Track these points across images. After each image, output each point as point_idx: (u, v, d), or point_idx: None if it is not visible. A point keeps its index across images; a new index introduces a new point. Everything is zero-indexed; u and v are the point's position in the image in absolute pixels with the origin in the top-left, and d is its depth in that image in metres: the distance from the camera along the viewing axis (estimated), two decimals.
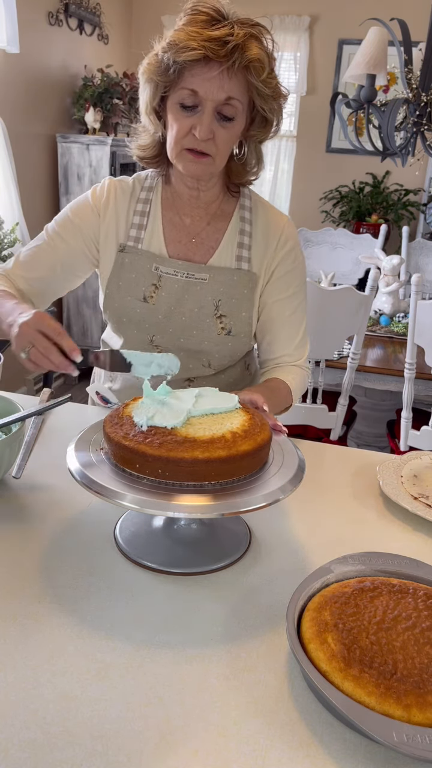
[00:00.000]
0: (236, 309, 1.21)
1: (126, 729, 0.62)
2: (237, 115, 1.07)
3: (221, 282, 1.20)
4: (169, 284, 1.20)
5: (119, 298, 1.22)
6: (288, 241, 1.24)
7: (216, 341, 1.22)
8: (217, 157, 1.11)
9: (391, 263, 2.80)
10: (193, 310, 1.20)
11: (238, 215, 1.24)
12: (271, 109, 1.09)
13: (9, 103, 3.33)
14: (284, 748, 0.61)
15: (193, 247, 1.23)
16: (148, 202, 1.23)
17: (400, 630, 0.68)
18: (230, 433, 0.81)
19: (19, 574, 0.83)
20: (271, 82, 1.06)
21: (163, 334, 1.22)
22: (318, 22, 4.68)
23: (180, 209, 1.23)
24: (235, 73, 1.03)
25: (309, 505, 1.03)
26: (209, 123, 1.05)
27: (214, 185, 1.20)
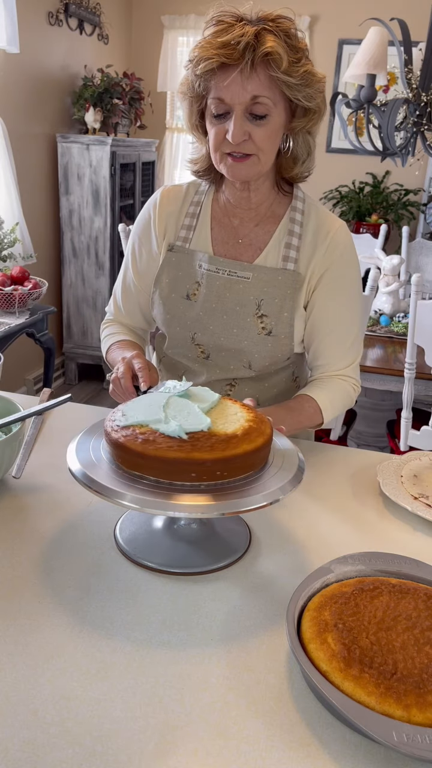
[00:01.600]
0: (278, 309, 1.19)
1: (126, 729, 0.62)
2: (270, 112, 1.06)
3: (265, 281, 1.19)
4: (211, 282, 1.21)
5: (165, 295, 1.25)
6: (339, 245, 1.20)
7: (256, 341, 1.21)
8: (261, 155, 1.10)
9: (391, 263, 2.80)
10: (234, 308, 1.20)
11: (288, 217, 1.22)
12: (306, 96, 1.07)
13: (9, 103, 3.33)
14: (284, 748, 0.61)
15: (240, 247, 1.23)
16: (200, 205, 1.26)
17: (400, 630, 0.68)
18: (231, 433, 0.81)
19: (19, 573, 0.83)
20: (297, 71, 1.03)
21: (203, 332, 1.23)
22: (318, 22, 4.68)
23: (229, 211, 1.24)
24: (255, 71, 1.02)
25: (309, 505, 1.03)
26: (240, 126, 1.05)
27: (262, 184, 1.19)
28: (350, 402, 1.27)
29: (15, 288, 2.72)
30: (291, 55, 1.03)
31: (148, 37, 4.86)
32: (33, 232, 3.59)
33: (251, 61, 1.01)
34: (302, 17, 4.65)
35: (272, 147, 1.11)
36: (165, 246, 1.26)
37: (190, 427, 0.81)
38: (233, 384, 1.28)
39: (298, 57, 1.04)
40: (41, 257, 3.79)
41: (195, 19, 4.80)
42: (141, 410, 0.85)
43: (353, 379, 1.27)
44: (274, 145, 1.12)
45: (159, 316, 1.28)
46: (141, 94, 4.18)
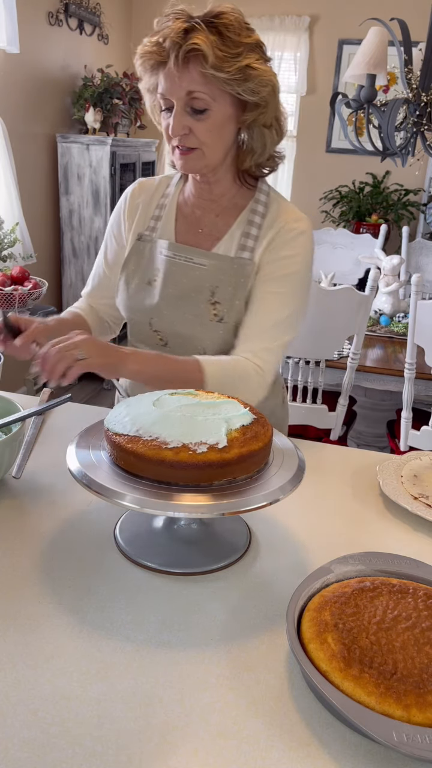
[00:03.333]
0: (231, 297, 1.21)
1: (126, 729, 0.62)
2: (209, 106, 1.08)
3: (219, 269, 1.21)
4: (169, 267, 1.24)
5: (129, 282, 1.28)
6: (288, 233, 1.20)
7: (208, 327, 1.22)
8: (205, 149, 1.12)
9: (391, 263, 2.80)
10: (189, 294, 1.22)
11: (249, 208, 1.24)
12: (247, 91, 1.07)
13: (9, 103, 3.33)
14: (284, 748, 0.61)
15: (200, 237, 1.25)
16: (168, 196, 1.29)
17: (400, 630, 0.68)
18: (231, 435, 0.81)
19: (19, 574, 0.83)
20: (231, 66, 1.04)
21: (160, 318, 1.25)
22: (318, 22, 4.68)
23: (193, 203, 1.27)
24: (186, 67, 1.05)
25: (309, 505, 1.03)
26: (179, 120, 1.09)
27: (222, 177, 1.21)
28: (247, 380, 1.17)
29: (15, 288, 2.72)
30: (224, 50, 1.03)
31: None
32: (33, 232, 3.59)
33: (178, 58, 1.04)
34: (302, 17, 4.65)
35: (217, 141, 1.13)
36: (134, 235, 1.29)
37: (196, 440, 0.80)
38: None
39: (235, 52, 1.04)
40: (41, 257, 3.79)
41: None
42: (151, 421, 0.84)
43: (256, 364, 1.18)
44: (219, 139, 1.13)
45: (121, 302, 1.31)
46: (141, 94, 4.18)
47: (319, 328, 2.17)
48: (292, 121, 5.04)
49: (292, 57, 4.79)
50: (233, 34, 1.05)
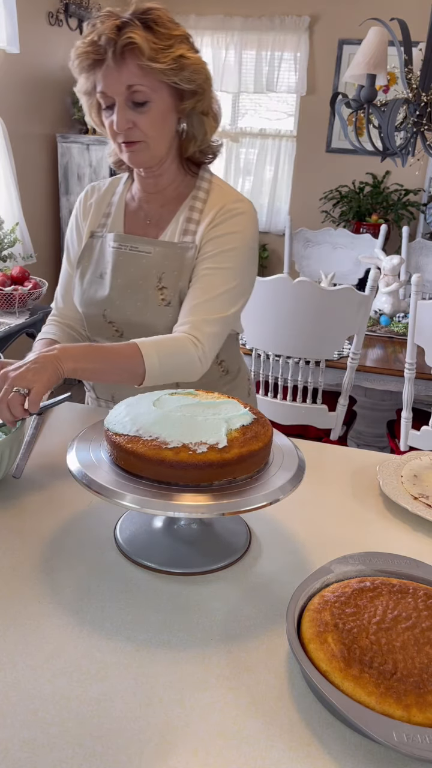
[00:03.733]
0: (176, 280, 1.24)
1: (126, 729, 0.62)
2: (150, 98, 1.12)
3: (164, 255, 1.24)
4: (116, 258, 1.27)
5: (83, 277, 1.32)
6: (232, 210, 1.22)
7: (157, 312, 1.25)
8: (150, 141, 1.16)
9: (391, 263, 2.80)
10: (137, 282, 1.25)
11: (191, 195, 1.27)
12: (183, 79, 1.12)
13: (9, 103, 3.33)
14: (284, 748, 0.61)
15: (147, 227, 1.29)
16: (117, 194, 1.34)
17: (400, 630, 0.68)
18: (231, 435, 0.81)
19: (19, 574, 0.83)
20: (166, 57, 1.09)
21: (112, 308, 1.28)
22: (318, 22, 4.68)
23: (140, 197, 1.31)
24: (124, 62, 1.08)
25: (309, 505, 1.03)
26: (122, 115, 1.12)
27: (167, 169, 1.25)
28: (185, 353, 1.14)
29: (15, 288, 2.72)
30: (157, 43, 1.08)
31: None
32: (33, 232, 3.59)
33: (115, 53, 1.07)
34: (302, 17, 4.65)
35: (161, 132, 1.16)
36: (87, 234, 1.33)
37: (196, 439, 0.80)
38: None
39: (168, 44, 1.09)
40: (41, 257, 3.79)
41: (195, 19, 4.80)
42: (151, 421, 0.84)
43: (194, 336, 1.16)
44: (163, 130, 1.17)
45: (77, 298, 1.33)
46: None
47: (319, 328, 2.17)
48: (292, 121, 5.04)
49: (292, 57, 4.79)
50: (163, 28, 1.10)
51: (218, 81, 5.00)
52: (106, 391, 1.40)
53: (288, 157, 5.09)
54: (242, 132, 5.20)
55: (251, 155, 5.22)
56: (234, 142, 5.20)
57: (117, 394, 1.38)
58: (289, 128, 5.07)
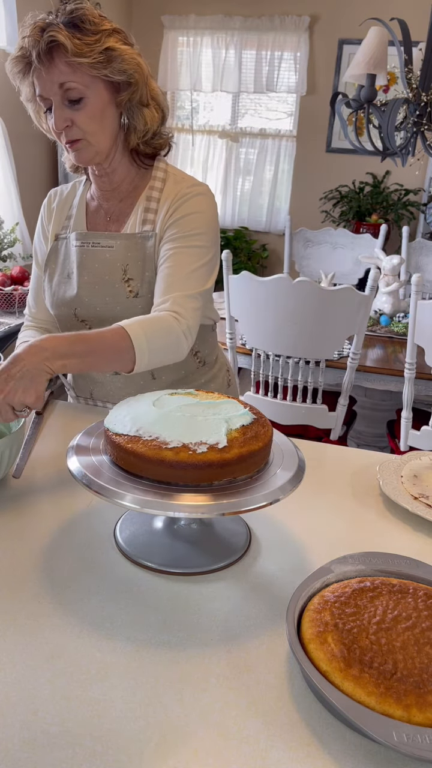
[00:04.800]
0: (141, 270, 1.25)
1: (126, 729, 0.62)
2: (84, 94, 1.13)
3: (127, 246, 1.26)
4: (80, 256, 1.29)
5: (51, 280, 1.34)
6: (189, 192, 1.24)
7: (126, 305, 1.26)
8: (90, 138, 1.17)
9: (391, 263, 2.80)
10: (103, 277, 1.27)
11: (149, 186, 1.28)
12: (113, 71, 1.13)
13: (9, 103, 3.33)
14: (284, 748, 0.61)
15: (108, 224, 1.31)
16: (77, 196, 1.36)
17: (400, 630, 0.68)
18: (231, 435, 0.81)
19: (19, 574, 0.83)
20: (92, 50, 1.10)
21: (82, 306, 1.30)
22: (318, 22, 4.68)
23: (99, 196, 1.32)
24: (52, 61, 1.10)
25: (309, 505, 1.03)
26: (59, 114, 1.14)
27: (118, 164, 1.26)
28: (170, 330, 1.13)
29: (15, 288, 2.72)
30: (82, 39, 1.09)
31: (148, 37, 4.86)
32: (33, 232, 3.59)
33: (40, 54, 1.09)
34: (302, 17, 4.65)
35: (100, 127, 1.17)
36: (52, 237, 1.36)
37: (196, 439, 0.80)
38: None
39: (94, 38, 1.10)
40: None
41: (195, 19, 4.80)
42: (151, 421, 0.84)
43: (175, 312, 1.15)
44: (102, 125, 1.17)
45: (48, 300, 1.36)
46: None
47: (319, 328, 2.17)
48: (292, 121, 5.04)
49: (292, 57, 4.79)
50: (89, 24, 1.11)
51: (218, 81, 5.00)
52: (85, 388, 1.42)
53: (288, 157, 5.09)
54: (242, 132, 5.20)
55: (251, 155, 5.22)
56: (234, 142, 5.20)
57: (96, 391, 1.40)
58: (289, 128, 5.07)
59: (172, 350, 1.15)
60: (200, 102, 5.30)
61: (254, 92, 5.01)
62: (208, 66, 4.99)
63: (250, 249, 5.18)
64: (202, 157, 5.32)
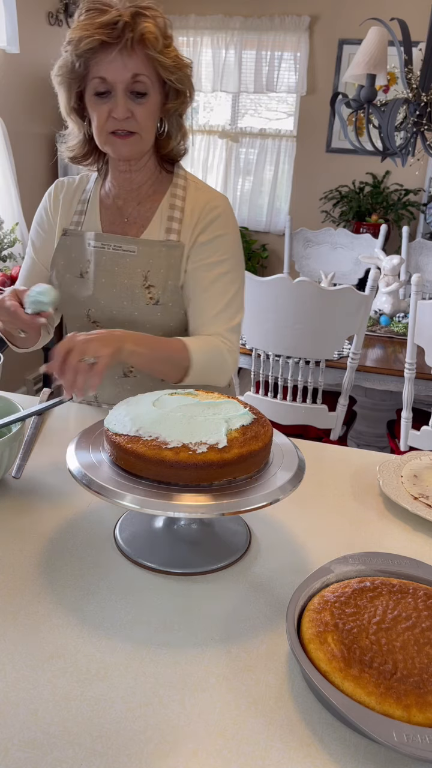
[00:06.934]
0: (164, 279, 1.25)
1: (126, 729, 0.62)
2: (149, 90, 1.13)
3: (149, 253, 1.25)
4: (99, 257, 1.27)
5: (60, 276, 1.31)
6: (214, 210, 1.26)
7: (145, 311, 1.26)
8: (143, 133, 1.17)
9: (391, 263, 2.80)
10: (123, 281, 1.26)
11: (170, 193, 1.28)
12: (178, 79, 1.16)
13: (9, 103, 3.33)
14: (284, 748, 0.61)
15: (126, 225, 1.29)
16: (89, 192, 1.33)
17: (400, 630, 0.68)
18: (231, 435, 0.81)
19: (19, 574, 0.83)
20: (170, 53, 1.13)
21: (96, 307, 1.28)
22: (318, 22, 4.67)
23: (115, 195, 1.31)
24: (133, 50, 1.09)
25: (309, 505, 1.03)
26: (124, 102, 1.12)
27: (144, 165, 1.26)
28: (222, 361, 1.24)
29: None
30: (162, 38, 1.11)
31: None
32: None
33: (130, 40, 1.08)
34: (302, 17, 4.65)
35: (152, 126, 1.19)
36: (59, 231, 1.32)
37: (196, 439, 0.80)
38: None
39: (168, 42, 1.13)
40: None
41: (195, 19, 4.80)
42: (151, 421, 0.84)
43: (228, 341, 1.25)
44: (153, 125, 1.19)
45: None
46: None
47: (319, 328, 2.17)
48: (292, 121, 5.04)
49: (292, 57, 4.78)
50: (163, 26, 1.12)
51: (218, 81, 5.00)
52: None
53: (288, 157, 5.08)
54: (242, 132, 5.19)
55: (251, 155, 5.21)
56: (234, 142, 5.19)
57: (101, 394, 1.39)
58: (289, 128, 5.07)
59: (217, 372, 1.24)
60: (200, 102, 5.30)
61: (254, 92, 5.00)
62: (208, 66, 4.99)
63: (250, 249, 5.18)
64: (202, 157, 5.32)
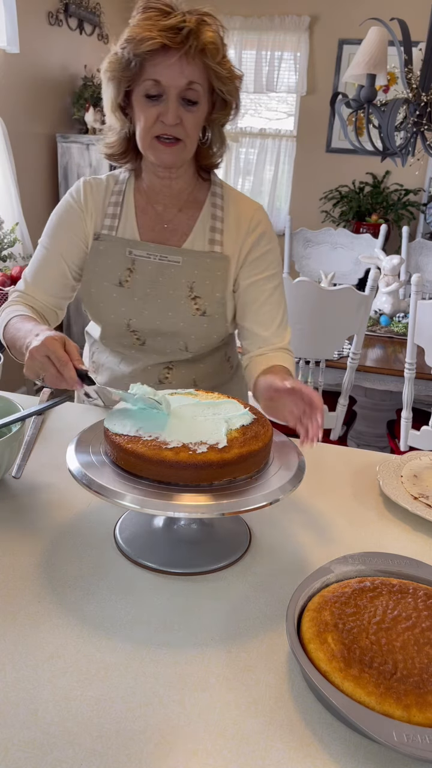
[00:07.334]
0: (210, 290, 1.24)
1: (126, 729, 0.62)
2: (200, 99, 1.12)
3: (195, 264, 1.24)
4: (143, 267, 1.24)
5: (96, 284, 1.26)
6: (259, 225, 1.26)
7: (191, 322, 1.24)
8: (188, 141, 1.15)
9: (391, 263, 2.80)
10: (168, 291, 1.24)
11: (209, 202, 1.27)
12: (229, 90, 1.14)
13: (9, 103, 3.33)
14: (284, 748, 0.61)
15: (166, 232, 1.26)
16: (122, 193, 1.28)
17: (400, 630, 0.68)
18: (231, 435, 0.81)
19: (19, 574, 0.83)
20: (226, 64, 1.11)
21: (139, 318, 1.25)
22: (318, 22, 4.68)
23: (152, 198, 1.27)
24: (193, 57, 1.08)
25: (309, 505, 1.03)
26: (175, 108, 1.10)
27: (185, 172, 1.24)
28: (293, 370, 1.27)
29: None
30: (222, 48, 1.10)
31: None
32: (33, 232, 3.58)
33: (193, 48, 1.06)
34: (302, 17, 4.65)
35: (197, 135, 1.17)
36: (90, 234, 1.27)
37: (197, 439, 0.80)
38: (170, 367, 1.31)
39: (225, 53, 1.11)
40: None
41: None
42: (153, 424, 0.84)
43: (292, 354, 1.29)
44: (198, 133, 1.18)
45: (91, 306, 1.28)
46: None
47: (319, 328, 2.17)
48: (293, 121, 5.04)
49: (292, 57, 4.78)
50: (222, 36, 1.11)
51: None
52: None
53: (288, 157, 5.09)
54: (242, 132, 5.19)
55: (251, 155, 5.22)
56: (234, 142, 5.19)
57: None
58: (289, 128, 5.07)
59: None
60: None
61: (254, 92, 5.00)
62: None
63: None
64: None
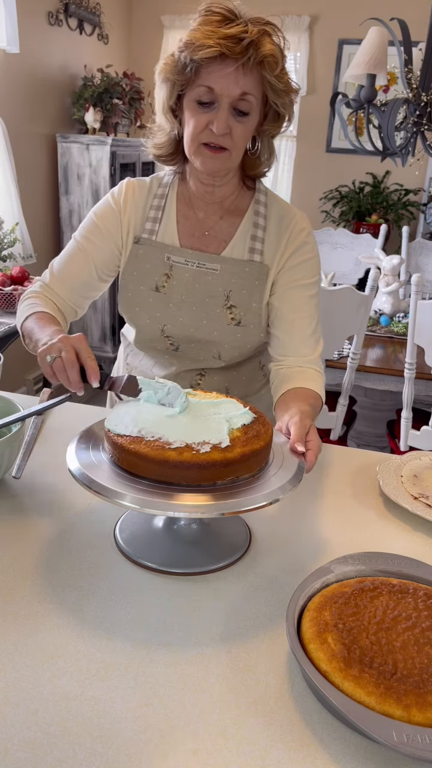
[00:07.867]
0: (247, 300, 1.22)
1: (126, 729, 0.62)
2: (252, 110, 1.09)
3: (233, 273, 1.22)
4: (180, 273, 1.23)
5: (133, 288, 1.25)
6: (301, 233, 1.24)
7: (226, 331, 1.23)
8: (234, 151, 1.13)
9: (391, 263, 2.80)
10: (204, 299, 1.22)
11: (252, 210, 1.25)
12: (283, 103, 1.12)
13: (9, 103, 3.33)
14: (284, 748, 0.61)
15: (206, 239, 1.25)
16: (164, 197, 1.26)
17: (400, 630, 0.68)
18: (233, 434, 0.81)
19: (19, 574, 0.83)
20: (284, 77, 1.09)
21: (174, 324, 1.24)
22: (318, 22, 4.67)
23: (194, 204, 1.26)
24: (250, 69, 1.05)
25: (309, 505, 1.03)
26: (226, 118, 1.08)
27: (229, 181, 1.22)
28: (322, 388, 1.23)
29: (15, 288, 2.72)
30: (281, 61, 1.07)
31: (148, 37, 4.85)
32: (33, 232, 3.59)
33: (252, 59, 1.03)
34: (302, 17, 4.65)
35: (244, 145, 1.15)
36: (131, 238, 1.26)
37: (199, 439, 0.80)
38: (203, 374, 1.30)
39: (283, 66, 1.09)
40: (41, 257, 3.79)
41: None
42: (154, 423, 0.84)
43: (322, 371, 1.24)
44: (245, 144, 1.16)
45: (127, 308, 1.27)
46: (141, 94, 4.18)
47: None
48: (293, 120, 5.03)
49: (292, 57, 4.78)
50: (282, 48, 1.08)
51: None
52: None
53: (288, 157, 5.08)
54: None
55: None
56: None
57: None
58: (289, 128, 5.07)
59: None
60: None
61: None
62: None
63: None
64: None
